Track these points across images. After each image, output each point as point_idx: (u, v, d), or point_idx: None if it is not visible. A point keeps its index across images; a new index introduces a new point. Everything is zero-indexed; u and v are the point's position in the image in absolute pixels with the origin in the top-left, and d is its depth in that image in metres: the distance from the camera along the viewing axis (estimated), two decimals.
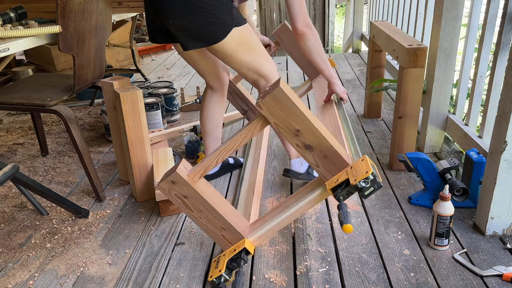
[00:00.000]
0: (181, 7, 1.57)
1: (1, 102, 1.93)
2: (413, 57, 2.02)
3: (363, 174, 1.24)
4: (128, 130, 1.91)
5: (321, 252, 1.63)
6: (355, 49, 4.95)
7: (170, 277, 1.54)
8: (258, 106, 1.34)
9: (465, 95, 2.26)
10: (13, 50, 1.73)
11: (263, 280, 1.51)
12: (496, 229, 1.66)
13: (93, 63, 2.06)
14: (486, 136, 1.97)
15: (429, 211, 1.85)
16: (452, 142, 2.46)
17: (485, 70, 2.03)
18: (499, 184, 1.57)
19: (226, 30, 1.61)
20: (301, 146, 1.38)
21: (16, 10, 2.11)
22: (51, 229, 1.86)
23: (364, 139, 2.60)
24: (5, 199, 2.12)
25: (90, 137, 2.83)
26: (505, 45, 1.73)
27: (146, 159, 1.99)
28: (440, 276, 1.48)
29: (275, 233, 1.63)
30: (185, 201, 1.47)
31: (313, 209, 1.91)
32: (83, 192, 2.15)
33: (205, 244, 1.71)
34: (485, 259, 1.55)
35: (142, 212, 1.96)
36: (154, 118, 2.68)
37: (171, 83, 3.26)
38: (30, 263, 1.65)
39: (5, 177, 1.53)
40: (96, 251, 1.70)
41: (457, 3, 2.06)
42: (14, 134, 2.96)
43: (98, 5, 2.00)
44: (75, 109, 3.39)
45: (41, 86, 2.11)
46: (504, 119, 1.52)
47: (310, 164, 1.41)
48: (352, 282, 1.47)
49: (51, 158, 2.54)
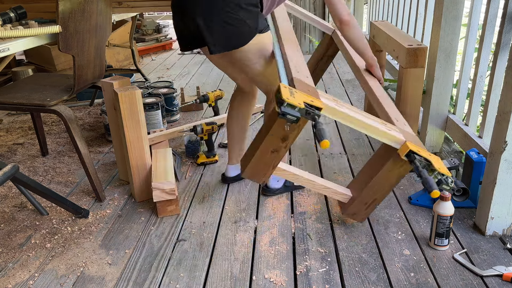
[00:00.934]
0: (207, 5, 1.57)
1: (1, 102, 1.93)
2: (413, 57, 2.02)
3: (445, 171, 1.44)
4: (127, 130, 1.91)
5: (321, 252, 1.63)
6: None
7: (170, 277, 1.54)
8: None
9: (465, 95, 2.26)
10: (13, 50, 1.73)
11: (263, 280, 1.50)
12: (496, 229, 1.66)
13: (93, 63, 2.06)
14: (486, 136, 1.97)
15: (429, 211, 1.85)
16: (452, 142, 2.46)
17: (485, 70, 2.03)
18: (499, 184, 1.57)
19: (249, 36, 1.62)
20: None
21: (16, 10, 2.11)
22: (51, 229, 1.86)
23: (364, 139, 2.61)
24: (5, 199, 2.12)
25: (90, 137, 2.83)
26: (505, 45, 1.73)
27: (145, 159, 1.99)
28: (440, 276, 1.48)
29: (340, 119, 1.50)
30: None
31: (313, 209, 1.91)
32: (83, 192, 2.15)
33: (205, 244, 1.71)
34: (485, 259, 1.55)
35: (142, 212, 1.96)
36: (154, 118, 2.68)
37: (171, 83, 3.26)
38: (30, 263, 1.65)
39: (5, 177, 1.53)
40: (96, 251, 1.70)
41: (457, 3, 2.06)
42: (14, 134, 2.96)
43: (98, 5, 2.00)
44: (75, 109, 3.39)
45: (41, 86, 2.11)
46: (504, 119, 1.52)
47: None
48: (352, 282, 1.47)
49: (51, 158, 2.54)
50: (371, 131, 1.51)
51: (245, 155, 1.60)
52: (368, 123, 1.49)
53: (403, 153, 1.48)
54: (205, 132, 2.35)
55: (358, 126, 1.50)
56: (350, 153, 2.43)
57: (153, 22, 5.78)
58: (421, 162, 1.44)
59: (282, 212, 1.90)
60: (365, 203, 1.66)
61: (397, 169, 1.55)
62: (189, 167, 2.35)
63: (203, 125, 2.35)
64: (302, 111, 1.32)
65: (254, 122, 2.93)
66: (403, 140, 1.51)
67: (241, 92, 2.01)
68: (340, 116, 1.47)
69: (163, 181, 1.86)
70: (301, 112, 1.32)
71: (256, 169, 1.56)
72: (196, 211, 1.94)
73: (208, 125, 2.36)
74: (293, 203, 1.97)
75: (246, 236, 1.75)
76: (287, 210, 1.92)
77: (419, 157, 1.46)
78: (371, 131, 1.51)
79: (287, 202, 1.98)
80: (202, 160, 2.35)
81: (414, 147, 1.47)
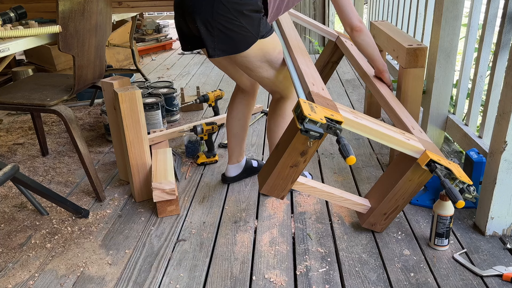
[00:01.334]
0: (209, 9, 1.54)
1: (1, 102, 1.93)
2: (413, 57, 2.02)
3: (466, 179, 1.44)
4: (127, 130, 1.91)
5: (321, 252, 1.63)
6: None
7: (170, 277, 1.54)
8: None
9: (465, 95, 2.26)
10: (13, 50, 1.73)
11: (263, 280, 1.51)
12: (496, 229, 1.66)
13: (93, 63, 2.06)
14: (486, 136, 1.97)
15: (429, 211, 1.85)
16: (452, 142, 2.46)
17: (485, 70, 2.03)
18: (499, 184, 1.57)
19: (250, 42, 1.61)
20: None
21: (16, 10, 2.11)
22: (51, 229, 1.86)
23: (364, 139, 2.61)
24: (5, 199, 2.12)
25: (90, 137, 2.83)
26: (505, 45, 1.73)
27: (144, 159, 1.99)
28: (440, 276, 1.48)
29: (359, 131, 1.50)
30: None
31: (313, 209, 1.91)
32: (83, 192, 2.15)
33: (205, 244, 1.71)
34: (485, 259, 1.55)
35: (142, 212, 1.96)
36: (154, 118, 2.68)
37: (171, 83, 3.26)
38: (30, 263, 1.65)
39: (5, 177, 1.53)
40: (96, 251, 1.70)
41: (457, 3, 2.06)
42: (14, 134, 2.96)
43: (98, 5, 2.00)
44: (75, 109, 3.39)
45: (41, 86, 2.11)
46: (504, 119, 1.52)
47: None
48: (352, 282, 1.48)
49: (51, 158, 2.54)
50: (391, 141, 1.51)
51: (262, 170, 1.58)
52: (387, 134, 1.49)
53: (424, 162, 1.48)
54: (205, 132, 2.35)
55: (377, 137, 1.50)
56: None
57: (153, 22, 5.79)
58: (442, 171, 1.44)
59: (282, 212, 1.90)
60: (384, 213, 1.66)
61: (417, 178, 1.55)
62: (189, 167, 2.35)
63: (203, 125, 2.35)
64: (324, 126, 1.31)
65: (254, 122, 2.93)
66: (423, 150, 1.51)
67: (241, 92, 2.01)
68: (359, 129, 1.47)
69: (163, 181, 1.86)
70: (323, 127, 1.31)
71: (275, 184, 1.55)
72: (196, 211, 1.94)
73: (208, 125, 2.36)
74: (293, 203, 1.97)
75: (246, 236, 1.75)
76: (287, 210, 1.92)
77: (440, 166, 1.45)
78: (391, 142, 1.51)
79: (287, 202, 1.98)
80: (202, 160, 2.35)
81: (435, 156, 1.47)
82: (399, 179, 1.56)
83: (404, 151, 1.53)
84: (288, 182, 1.55)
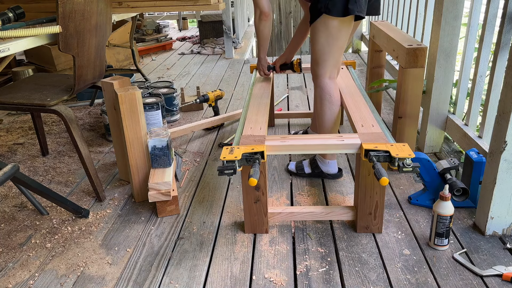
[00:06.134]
0: None
1: (1, 102, 1.93)
2: (413, 57, 2.02)
3: (405, 154, 1.46)
4: (127, 130, 1.91)
5: (321, 252, 1.63)
6: (355, 49, 4.95)
7: (170, 277, 1.54)
8: None
9: (465, 95, 2.27)
10: (13, 50, 1.73)
11: (263, 280, 1.51)
12: (496, 229, 1.66)
13: (93, 63, 2.07)
14: (486, 136, 1.97)
15: (429, 211, 1.85)
16: (452, 142, 2.47)
17: (485, 70, 2.04)
18: (499, 184, 1.57)
19: (344, 12, 1.72)
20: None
21: (14, 10, 2.11)
22: (51, 229, 1.86)
23: None
24: (5, 199, 2.13)
25: (90, 137, 2.83)
26: (505, 45, 1.73)
27: (144, 159, 1.99)
28: (440, 276, 1.48)
29: (290, 151, 1.70)
30: None
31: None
32: (83, 192, 2.15)
33: (205, 244, 1.71)
34: (485, 259, 1.55)
35: (142, 212, 1.96)
36: (154, 118, 2.67)
37: (171, 83, 3.26)
38: (30, 263, 1.65)
39: (5, 177, 1.53)
40: (96, 251, 1.70)
41: (457, 3, 2.06)
42: (14, 134, 2.96)
43: (98, 5, 2.00)
44: (75, 109, 3.39)
45: (41, 86, 2.11)
46: (504, 119, 1.52)
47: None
48: (352, 282, 1.48)
49: (51, 158, 2.54)
50: (327, 149, 1.64)
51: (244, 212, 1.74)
52: (320, 144, 1.63)
53: (363, 155, 1.55)
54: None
55: (313, 150, 1.66)
56: (350, 153, 2.43)
57: (153, 22, 5.79)
58: (378, 156, 1.49)
59: None
60: (369, 213, 1.68)
61: (372, 170, 1.57)
62: (189, 167, 2.35)
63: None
64: (242, 161, 1.53)
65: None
66: (359, 143, 1.57)
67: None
68: (289, 150, 1.66)
69: (159, 182, 1.85)
70: (240, 163, 1.52)
71: (252, 222, 1.74)
72: (196, 211, 1.94)
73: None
74: (293, 203, 1.97)
75: (246, 236, 1.75)
76: None
77: (375, 152, 1.50)
78: (327, 149, 1.64)
79: (287, 202, 1.98)
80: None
81: (370, 145, 1.54)
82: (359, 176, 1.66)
83: (343, 152, 1.64)
84: (261, 216, 1.72)
